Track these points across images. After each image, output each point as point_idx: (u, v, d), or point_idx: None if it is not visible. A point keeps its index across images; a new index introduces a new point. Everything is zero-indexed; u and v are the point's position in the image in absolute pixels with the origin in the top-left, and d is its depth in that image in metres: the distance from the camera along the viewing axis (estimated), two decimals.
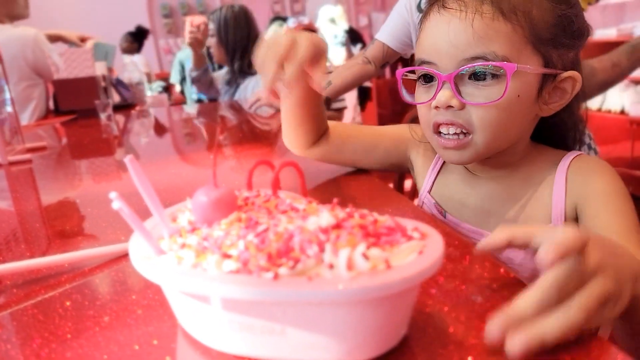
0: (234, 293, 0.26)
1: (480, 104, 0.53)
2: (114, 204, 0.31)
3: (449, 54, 0.53)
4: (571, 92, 0.56)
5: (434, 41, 0.55)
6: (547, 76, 0.54)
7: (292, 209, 0.35)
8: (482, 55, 0.52)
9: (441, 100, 0.54)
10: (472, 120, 0.54)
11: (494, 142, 0.55)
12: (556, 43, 0.54)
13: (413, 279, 0.26)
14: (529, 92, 0.54)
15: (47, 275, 0.48)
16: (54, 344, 0.36)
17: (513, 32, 0.52)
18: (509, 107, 0.53)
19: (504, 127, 0.55)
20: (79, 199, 0.75)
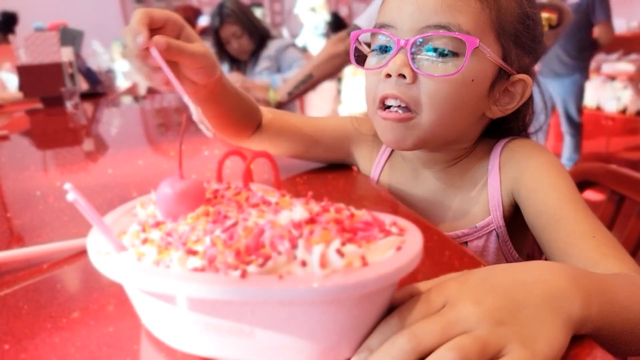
0: (198, 292, 0.25)
1: (433, 75, 0.49)
2: (69, 195, 0.28)
3: (412, 17, 0.50)
4: (520, 97, 0.54)
5: (400, 3, 0.52)
6: (501, 74, 0.53)
7: (264, 202, 0.33)
8: (447, 24, 0.49)
9: (394, 67, 0.50)
10: (421, 97, 0.51)
11: (439, 125, 0.52)
12: (517, 40, 0.53)
13: (390, 277, 0.24)
14: (483, 81, 0.52)
15: (3, 271, 0.45)
16: (7, 344, 0.33)
17: (481, 11, 0.50)
18: (461, 88, 0.50)
19: (452, 110, 0.51)
20: (39, 191, 0.71)
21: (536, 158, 0.54)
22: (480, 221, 0.56)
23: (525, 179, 0.53)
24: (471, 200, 0.58)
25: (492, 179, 0.56)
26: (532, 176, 0.53)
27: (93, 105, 1.90)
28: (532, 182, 0.53)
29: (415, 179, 0.62)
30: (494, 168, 0.56)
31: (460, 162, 0.59)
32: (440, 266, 0.40)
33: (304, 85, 1.44)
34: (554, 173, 0.52)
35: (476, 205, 0.57)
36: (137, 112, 1.85)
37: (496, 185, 0.55)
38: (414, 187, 0.62)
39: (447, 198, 0.59)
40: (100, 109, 1.86)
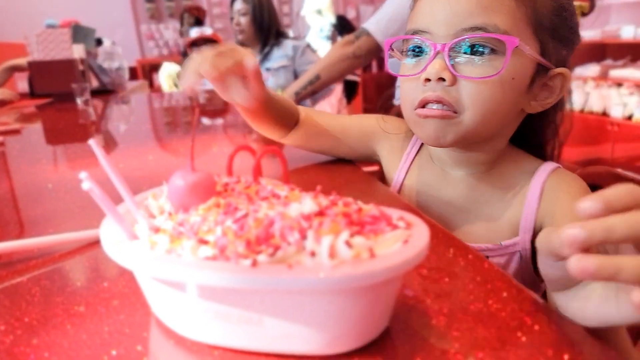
0: (210, 280, 0.25)
1: (475, 77, 0.49)
2: (84, 184, 0.29)
3: (447, 21, 0.50)
4: (559, 91, 0.54)
5: (432, 9, 0.52)
6: (540, 68, 0.52)
7: (273, 195, 0.34)
8: (483, 25, 0.48)
9: (432, 71, 0.50)
10: (462, 98, 0.50)
11: (481, 124, 0.52)
12: (554, 34, 0.52)
13: (397, 268, 0.25)
14: (523, 78, 0.51)
15: (15, 260, 0.46)
16: (20, 330, 0.34)
17: (517, 9, 0.49)
18: (502, 87, 0.50)
19: (494, 109, 0.51)
20: (51, 184, 0.72)
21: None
22: (507, 240, 0.55)
23: (558, 219, 0.53)
24: (501, 215, 0.57)
25: (531, 202, 0.55)
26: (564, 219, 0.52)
27: (103, 102, 1.92)
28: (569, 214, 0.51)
29: (444, 181, 0.61)
30: (534, 192, 0.55)
31: (494, 170, 0.58)
32: (445, 261, 0.40)
33: (311, 85, 1.45)
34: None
35: (505, 221, 0.56)
36: (147, 110, 1.87)
37: (533, 209, 0.54)
38: (442, 189, 0.60)
39: (476, 206, 0.58)
40: (110, 106, 1.88)
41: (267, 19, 1.89)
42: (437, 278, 0.37)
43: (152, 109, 1.89)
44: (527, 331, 0.30)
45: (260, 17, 1.87)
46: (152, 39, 4.83)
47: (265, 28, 1.89)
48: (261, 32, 1.90)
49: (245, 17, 1.88)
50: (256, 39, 1.92)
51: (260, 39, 1.91)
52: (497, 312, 0.32)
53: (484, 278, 0.37)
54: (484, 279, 0.37)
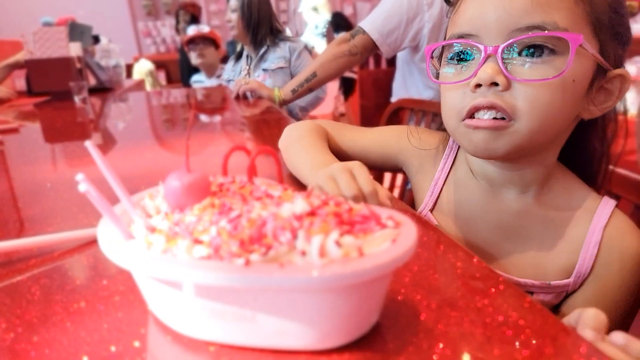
0: (205, 279, 0.26)
1: (534, 80, 0.45)
2: (81, 186, 0.30)
3: (499, 22, 0.46)
4: (618, 93, 0.50)
5: (480, 10, 0.47)
6: (599, 70, 0.48)
7: (267, 195, 0.35)
8: (541, 24, 0.44)
9: (485, 76, 0.46)
10: (518, 104, 0.46)
11: (538, 132, 0.47)
12: (613, 32, 0.48)
13: (385, 267, 0.26)
14: (583, 80, 0.47)
15: (15, 259, 0.46)
16: (20, 328, 0.35)
17: (575, 5, 0.45)
18: (563, 91, 0.46)
19: (552, 115, 0.47)
20: (50, 183, 0.73)
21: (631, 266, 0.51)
22: (557, 280, 0.52)
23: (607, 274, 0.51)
24: (554, 254, 0.53)
25: (589, 248, 0.52)
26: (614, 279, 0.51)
27: (100, 100, 1.93)
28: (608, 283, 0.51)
29: (492, 200, 0.56)
30: (595, 239, 0.52)
31: (547, 194, 0.54)
32: (435, 258, 0.41)
33: (308, 83, 1.46)
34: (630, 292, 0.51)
35: (559, 261, 0.53)
36: (144, 108, 1.87)
37: (591, 256, 0.51)
38: (490, 210, 0.56)
39: (526, 236, 0.54)
40: (108, 104, 1.88)
41: (257, 16, 1.88)
42: (427, 275, 0.38)
43: (150, 106, 1.90)
44: (512, 326, 0.31)
45: (249, 14, 1.87)
46: (149, 36, 4.82)
47: (254, 25, 1.89)
48: (250, 28, 1.90)
49: (235, 13, 1.89)
50: (247, 35, 1.92)
51: (250, 35, 1.91)
52: (484, 307, 0.33)
53: (473, 275, 0.38)
54: (472, 276, 0.38)
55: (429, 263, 0.40)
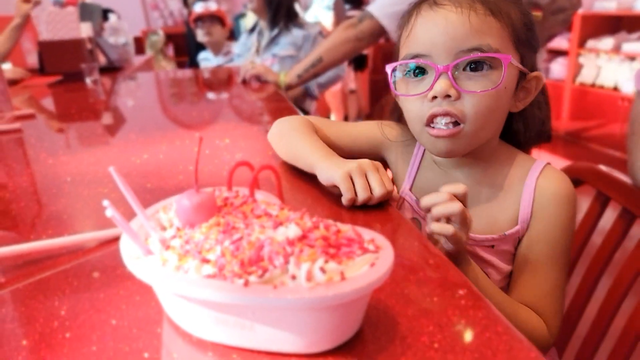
0: (210, 296, 0.31)
1: (478, 91, 0.57)
2: (107, 211, 0.35)
3: (446, 46, 0.57)
4: (534, 90, 0.63)
5: (431, 35, 0.59)
6: (521, 75, 0.61)
7: (265, 214, 0.40)
8: (479, 47, 0.57)
9: (440, 90, 0.57)
10: (466, 110, 0.58)
11: (482, 131, 0.60)
12: (528, 45, 0.61)
13: (362, 290, 0.31)
14: (512, 85, 0.60)
15: (44, 257, 0.52)
16: (56, 322, 0.40)
17: (502, 29, 0.58)
18: (499, 97, 0.59)
19: (493, 116, 0.60)
20: (70, 177, 0.78)
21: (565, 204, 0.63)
22: (509, 230, 0.64)
23: (549, 213, 0.62)
24: (502, 210, 0.65)
25: (526, 196, 0.63)
26: (550, 219, 0.62)
27: (111, 79, 1.97)
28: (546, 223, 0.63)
29: (445, 179, 0.68)
30: (529, 189, 0.63)
31: (491, 168, 0.66)
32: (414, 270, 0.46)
33: (313, 68, 1.48)
34: (566, 228, 0.63)
35: (506, 215, 0.64)
36: (154, 87, 1.91)
37: (529, 203, 0.63)
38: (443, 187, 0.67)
39: (478, 203, 0.65)
40: (119, 84, 1.92)
41: None
42: (406, 285, 0.43)
43: (160, 86, 1.93)
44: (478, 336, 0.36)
45: None
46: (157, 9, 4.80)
47: (275, 1, 1.89)
48: (271, 5, 1.89)
49: None
50: (264, 10, 1.91)
51: (269, 11, 1.91)
52: (453, 317, 0.38)
53: (444, 285, 0.43)
54: (444, 286, 0.42)
55: (411, 273, 0.45)
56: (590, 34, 3.57)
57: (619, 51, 3.36)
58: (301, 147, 0.70)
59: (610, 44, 3.39)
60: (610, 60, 3.42)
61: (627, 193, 0.70)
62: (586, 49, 3.56)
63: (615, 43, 3.37)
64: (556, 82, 3.76)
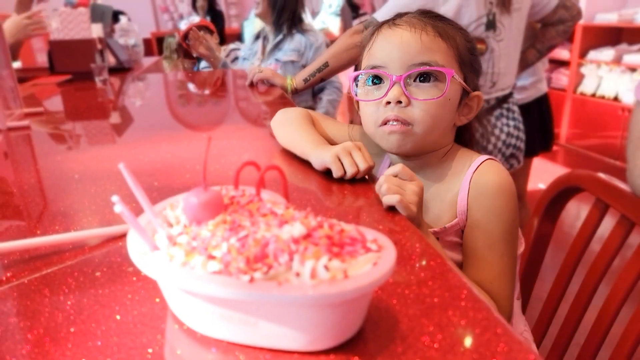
0: (216, 292, 0.32)
1: (425, 99, 0.68)
2: (116, 207, 0.36)
3: (400, 59, 0.68)
4: (476, 108, 0.74)
5: (388, 50, 0.69)
6: (464, 93, 0.71)
7: (271, 213, 0.40)
8: (428, 61, 0.67)
9: (393, 96, 0.67)
10: (415, 115, 0.68)
11: (429, 134, 0.69)
12: (471, 67, 0.72)
13: (364, 288, 0.31)
14: (455, 99, 0.71)
15: (50, 252, 0.53)
16: (60, 316, 0.41)
17: (448, 50, 0.69)
18: (443, 106, 0.69)
19: (438, 122, 0.69)
20: (77, 174, 0.79)
21: (498, 194, 0.69)
22: (448, 223, 0.71)
23: (483, 203, 0.69)
24: (444, 204, 0.73)
25: (463, 189, 0.70)
26: (483, 209, 0.69)
27: (120, 80, 1.98)
28: (481, 213, 0.69)
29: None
30: (466, 181, 0.70)
31: (440, 170, 0.74)
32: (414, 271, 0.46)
33: (320, 73, 1.49)
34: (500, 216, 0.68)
35: (447, 208, 0.72)
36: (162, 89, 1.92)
37: (464, 195, 0.70)
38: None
39: (427, 202, 0.72)
40: (127, 85, 1.94)
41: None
42: (407, 285, 0.43)
43: (168, 87, 1.95)
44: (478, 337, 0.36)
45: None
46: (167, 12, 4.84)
47: (280, 6, 1.90)
48: (275, 9, 1.90)
49: None
50: (270, 15, 1.92)
51: (273, 16, 1.92)
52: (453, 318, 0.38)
53: (444, 284, 0.43)
54: (444, 285, 0.43)
55: (412, 274, 0.45)
56: (592, 45, 3.59)
57: (619, 62, 3.38)
58: (297, 136, 0.81)
59: (611, 55, 3.42)
60: (611, 71, 3.43)
61: (626, 201, 0.71)
62: (587, 60, 3.57)
63: (616, 54, 3.40)
64: (557, 91, 3.76)
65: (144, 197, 0.40)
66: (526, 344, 0.35)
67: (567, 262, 0.81)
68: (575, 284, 0.80)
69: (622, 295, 0.70)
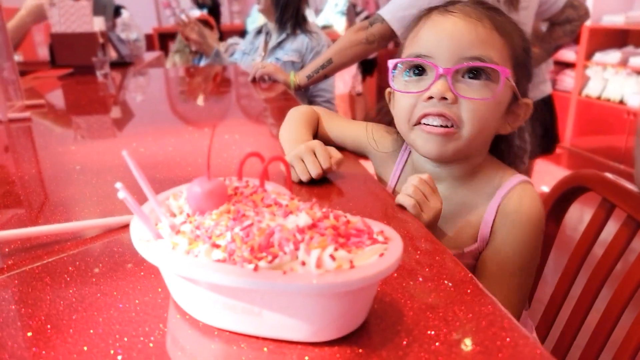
0: (220, 280, 0.31)
1: (475, 98, 0.59)
2: (120, 194, 0.35)
3: (450, 50, 0.59)
4: (523, 117, 0.65)
5: (437, 38, 0.60)
6: (513, 97, 0.63)
7: (275, 203, 0.40)
8: (481, 56, 0.58)
9: (437, 91, 0.59)
10: (462, 115, 0.59)
11: (474, 139, 0.61)
12: (524, 70, 0.63)
13: (370, 279, 0.31)
14: (505, 103, 0.62)
15: (52, 242, 0.52)
16: (62, 305, 0.41)
17: (504, 47, 0.60)
18: (493, 109, 0.60)
19: (485, 127, 0.61)
20: (79, 166, 0.79)
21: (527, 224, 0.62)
22: (468, 247, 0.65)
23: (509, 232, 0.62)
24: (466, 225, 0.65)
25: (489, 214, 0.64)
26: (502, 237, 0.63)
27: (121, 74, 1.98)
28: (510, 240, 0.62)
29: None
30: (494, 206, 0.63)
31: (468, 183, 0.66)
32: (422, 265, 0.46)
33: (323, 70, 1.48)
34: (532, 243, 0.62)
35: (469, 230, 0.65)
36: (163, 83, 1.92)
37: (489, 222, 0.63)
38: None
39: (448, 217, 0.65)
40: (129, 79, 1.93)
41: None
42: (413, 278, 0.43)
43: (169, 82, 1.94)
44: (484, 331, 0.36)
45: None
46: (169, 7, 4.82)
47: (283, 3, 1.89)
48: (278, 7, 1.89)
49: None
50: (272, 12, 1.91)
51: (276, 13, 1.91)
52: (459, 312, 0.38)
53: (451, 279, 0.43)
54: (451, 280, 0.42)
55: (417, 268, 0.45)
56: (598, 47, 3.58)
57: (625, 65, 3.37)
58: (286, 135, 0.79)
59: (617, 57, 3.41)
60: (617, 73, 3.43)
61: (633, 201, 0.70)
62: (593, 62, 3.57)
63: (622, 57, 3.39)
64: (562, 93, 3.76)
65: (147, 185, 0.39)
66: (533, 339, 0.35)
67: (570, 264, 0.80)
68: (578, 286, 0.80)
69: (625, 299, 0.69)
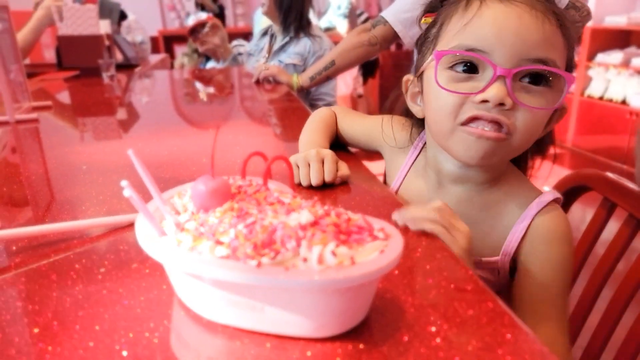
0: (223, 276, 0.32)
1: (537, 108, 0.52)
2: (125, 191, 0.36)
3: (514, 47, 0.50)
4: (555, 121, 0.59)
5: (498, 31, 0.51)
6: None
7: (278, 201, 0.40)
8: (546, 59, 0.51)
9: (495, 97, 0.50)
10: (517, 123, 0.52)
11: (523, 148, 0.55)
12: (570, 72, 0.56)
13: (371, 275, 0.31)
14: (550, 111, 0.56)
15: (58, 240, 0.53)
16: (68, 303, 0.41)
17: (564, 48, 0.53)
18: (544, 117, 0.54)
19: (535, 136, 0.55)
20: (85, 166, 0.80)
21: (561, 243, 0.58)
22: (487, 257, 0.60)
23: (542, 252, 0.58)
24: (487, 236, 0.60)
25: (517, 231, 0.59)
26: (543, 260, 0.58)
27: (127, 76, 1.99)
28: (543, 260, 0.58)
29: (437, 193, 0.64)
30: (523, 224, 0.58)
31: (490, 190, 0.61)
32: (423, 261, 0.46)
33: (326, 71, 1.49)
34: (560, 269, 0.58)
35: (490, 242, 0.60)
36: (168, 85, 1.93)
37: (517, 238, 0.58)
38: (434, 198, 0.63)
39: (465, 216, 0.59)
40: (134, 81, 1.95)
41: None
42: (413, 276, 0.43)
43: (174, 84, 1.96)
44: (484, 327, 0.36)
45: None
46: (174, 10, 4.85)
47: (286, 6, 1.89)
48: (282, 9, 1.90)
49: None
50: (276, 14, 1.92)
51: (280, 16, 1.92)
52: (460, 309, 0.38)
53: (451, 276, 0.43)
54: (450, 276, 0.43)
55: (418, 265, 0.45)
56: (600, 48, 3.57)
57: (628, 66, 3.36)
58: (304, 139, 0.77)
59: (619, 58, 3.40)
60: (619, 74, 3.42)
61: (634, 200, 0.70)
62: (595, 63, 3.56)
63: (625, 57, 3.38)
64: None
65: (152, 183, 0.40)
66: (532, 335, 0.35)
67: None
68: (579, 285, 0.80)
69: (627, 298, 0.69)
